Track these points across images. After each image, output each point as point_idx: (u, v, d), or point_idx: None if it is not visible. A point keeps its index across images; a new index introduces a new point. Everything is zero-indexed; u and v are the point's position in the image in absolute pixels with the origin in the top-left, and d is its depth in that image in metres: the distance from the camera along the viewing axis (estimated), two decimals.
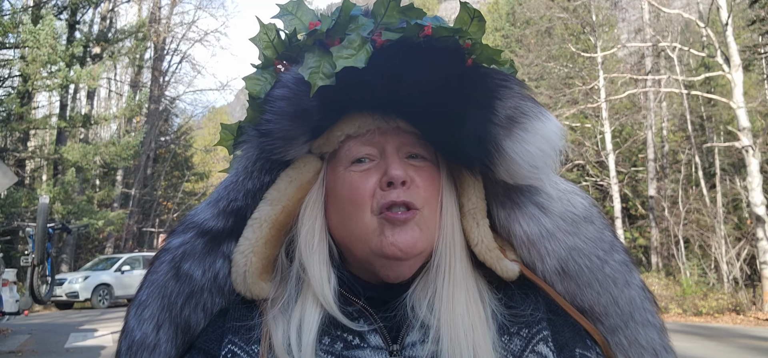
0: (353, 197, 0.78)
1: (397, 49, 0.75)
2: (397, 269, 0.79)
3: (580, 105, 20.72)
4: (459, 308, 0.77)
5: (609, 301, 0.84)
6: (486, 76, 0.79)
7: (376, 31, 0.78)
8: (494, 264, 0.81)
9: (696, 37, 22.25)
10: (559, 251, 0.82)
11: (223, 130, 0.90)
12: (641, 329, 0.84)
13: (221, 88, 45.14)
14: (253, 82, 0.81)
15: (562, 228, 0.83)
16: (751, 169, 14.02)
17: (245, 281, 0.80)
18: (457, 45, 0.78)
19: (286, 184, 0.82)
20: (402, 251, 0.76)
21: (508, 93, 0.78)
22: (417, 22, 0.76)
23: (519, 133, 0.76)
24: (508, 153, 0.76)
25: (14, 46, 17.87)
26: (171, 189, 32.93)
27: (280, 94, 0.78)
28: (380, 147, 0.80)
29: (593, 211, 0.85)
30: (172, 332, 0.81)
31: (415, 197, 0.77)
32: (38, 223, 9.34)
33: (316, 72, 0.75)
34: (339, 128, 0.80)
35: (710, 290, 15.95)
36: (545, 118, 0.78)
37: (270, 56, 0.83)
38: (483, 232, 0.82)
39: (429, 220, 0.79)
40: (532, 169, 0.77)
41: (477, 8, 0.78)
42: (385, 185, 0.77)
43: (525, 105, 0.78)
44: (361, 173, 0.79)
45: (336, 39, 0.78)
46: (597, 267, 0.83)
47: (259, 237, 0.81)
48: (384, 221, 0.77)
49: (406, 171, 0.78)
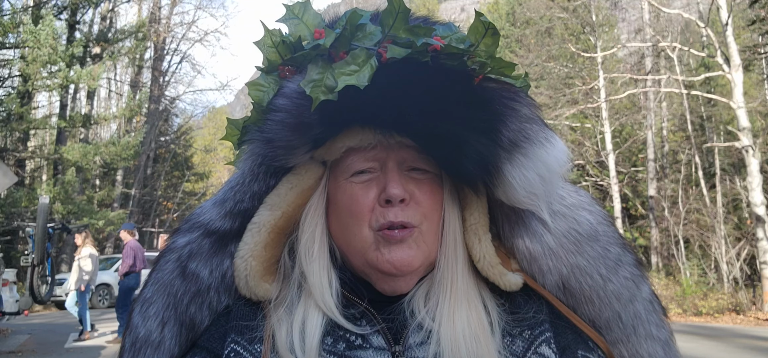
0: (352, 209, 0.79)
1: (402, 66, 0.74)
2: (393, 284, 0.79)
3: (580, 105, 20.73)
4: (460, 318, 0.77)
5: (611, 316, 0.83)
6: (492, 98, 0.76)
7: (383, 42, 0.76)
8: (497, 280, 0.81)
9: (696, 37, 22.27)
10: (560, 268, 0.82)
11: (230, 124, 0.90)
12: (644, 343, 0.84)
13: (221, 88, 45.17)
14: (255, 89, 0.80)
15: (565, 246, 0.82)
16: (751, 170, 14.02)
17: (247, 284, 0.81)
18: (464, 66, 0.76)
19: (287, 189, 0.82)
20: (397, 269, 0.77)
21: (514, 116, 0.76)
22: (425, 41, 0.74)
23: (519, 157, 0.75)
24: (507, 177, 0.75)
25: (14, 46, 17.86)
26: (171, 189, 32.94)
27: (281, 105, 0.77)
28: (381, 161, 0.79)
29: (599, 228, 0.84)
30: (176, 329, 0.82)
31: (412, 216, 0.77)
32: (38, 223, 9.34)
33: (317, 86, 0.74)
34: (340, 141, 0.79)
35: (710, 290, 15.95)
36: (549, 144, 0.76)
37: (274, 61, 0.81)
38: (485, 247, 0.81)
39: (427, 235, 0.79)
40: (530, 196, 0.76)
41: (491, 21, 0.76)
42: (384, 201, 0.77)
43: (529, 129, 0.76)
44: (361, 185, 0.79)
45: (341, 51, 0.76)
46: (599, 285, 0.82)
47: (258, 241, 0.81)
48: (380, 238, 0.77)
49: (405, 188, 0.78)
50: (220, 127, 36.31)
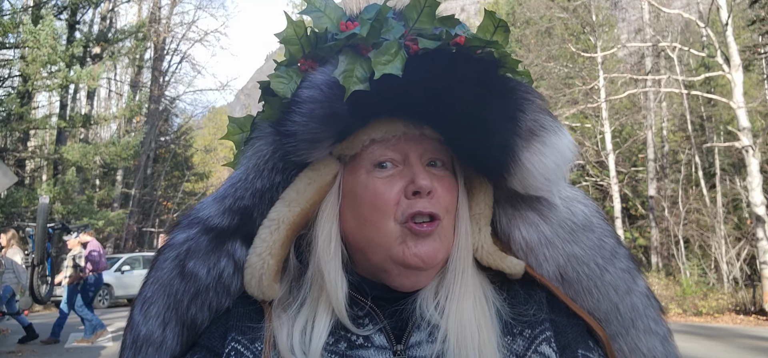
0: (377, 203, 0.78)
1: (432, 57, 0.75)
2: (415, 279, 0.79)
3: (580, 105, 20.72)
4: (467, 310, 0.77)
5: (609, 308, 0.84)
6: (514, 88, 0.79)
7: (407, 36, 0.77)
8: (498, 264, 0.81)
9: (696, 37, 22.26)
10: (557, 258, 0.83)
11: (231, 123, 0.89)
12: (643, 336, 0.84)
13: (221, 88, 44.88)
14: (278, 81, 0.79)
15: (561, 236, 0.83)
16: (751, 170, 14.02)
17: (260, 284, 0.79)
18: (491, 56, 0.79)
19: (305, 185, 0.81)
20: (424, 262, 0.77)
21: (531, 106, 0.79)
22: (450, 30, 0.76)
23: (537, 145, 0.77)
24: (526, 164, 0.77)
25: (14, 46, 17.88)
26: (171, 189, 32.94)
27: (310, 96, 0.76)
28: (404, 153, 0.80)
29: (593, 219, 0.85)
30: (178, 329, 0.81)
31: (438, 208, 0.78)
32: (38, 223, 9.35)
33: (349, 76, 0.74)
34: (365, 133, 0.79)
35: (710, 290, 15.96)
36: (561, 133, 0.79)
37: (295, 54, 0.81)
38: (483, 237, 0.82)
39: (447, 229, 0.80)
40: (546, 182, 0.79)
41: (501, 17, 0.78)
42: (411, 193, 0.77)
43: (544, 119, 0.79)
44: (384, 179, 0.79)
45: (369, 43, 0.77)
46: (596, 275, 0.83)
47: (277, 239, 0.79)
48: (408, 231, 0.77)
49: (431, 181, 0.78)
50: (220, 127, 36.36)
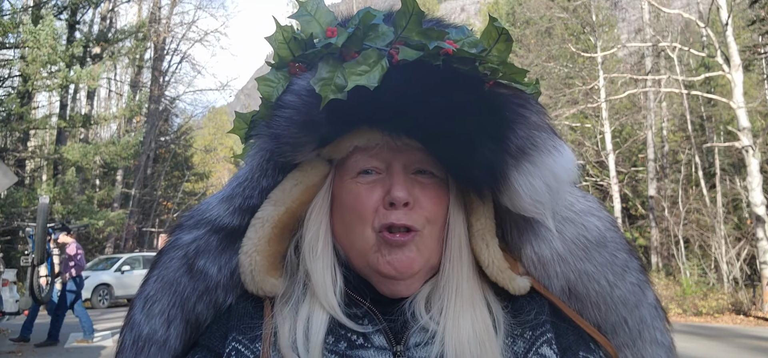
0: (357, 209, 0.78)
1: (413, 68, 0.74)
2: (393, 287, 0.79)
3: (580, 105, 20.72)
4: (465, 326, 0.76)
5: (617, 321, 0.84)
6: (502, 104, 0.76)
7: (395, 42, 0.76)
8: (506, 284, 0.80)
9: (696, 37, 22.25)
10: (568, 274, 0.82)
11: (238, 118, 0.89)
12: (649, 347, 0.84)
13: (221, 88, 44.90)
14: (265, 85, 0.80)
15: (574, 253, 0.82)
16: (751, 170, 14.01)
17: (254, 280, 0.80)
18: (475, 71, 0.76)
19: (291, 185, 0.82)
20: (397, 271, 0.77)
21: (523, 122, 0.76)
22: (437, 44, 0.74)
23: (526, 165, 0.75)
24: (513, 184, 0.75)
25: (14, 46, 17.86)
26: (171, 189, 32.91)
27: (290, 102, 0.77)
28: (387, 161, 0.79)
29: (607, 234, 0.84)
30: (182, 327, 0.81)
31: (415, 220, 0.77)
32: (38, 223, 9.33)
33: (327, 84, 0.74)
34: (348, 140, 0.79)
35: (710, 290, 15.95)
36: (557, 152, 0.76)
37: (284, 57, 0.81)
38: (493, 253, 0.81)
39: (429, 239, 0.79)
40: (535, 204, 0.76)
41: (505, 26, 0.75)
42: (388, 204, 0.77)
43: (538, 136, 0.76)
44: (366, 186, 0.79)
45: (352, 51, 0.76)
46: (606, 291, 0.82)
47: (262, 236, 0.80)
48: (382, 240, 0.77)
49: (410, 191, 0.77)
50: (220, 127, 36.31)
